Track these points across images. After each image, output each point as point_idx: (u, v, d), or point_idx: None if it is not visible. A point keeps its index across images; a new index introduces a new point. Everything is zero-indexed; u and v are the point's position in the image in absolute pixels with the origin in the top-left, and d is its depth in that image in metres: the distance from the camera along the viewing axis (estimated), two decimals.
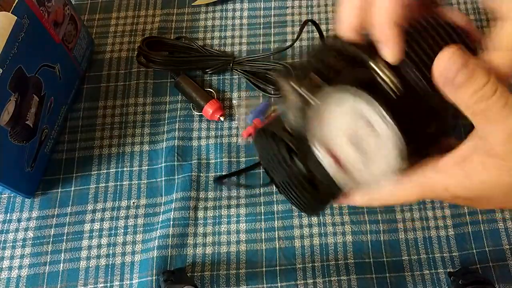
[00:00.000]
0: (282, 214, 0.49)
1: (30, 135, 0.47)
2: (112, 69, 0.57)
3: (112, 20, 0.60)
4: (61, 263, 0.48)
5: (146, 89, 0.56)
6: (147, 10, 0.61)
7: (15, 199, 0.50)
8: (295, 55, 0.57)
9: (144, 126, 0.54)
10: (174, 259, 0.47)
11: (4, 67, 0.41)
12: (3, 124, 0.42)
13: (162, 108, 0.55)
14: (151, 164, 0.52)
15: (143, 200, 0.50)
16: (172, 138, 0.53)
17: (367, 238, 0.48)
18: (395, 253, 0.47)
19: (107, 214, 0.50)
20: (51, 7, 0.47)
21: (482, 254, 0.47)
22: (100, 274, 0.47)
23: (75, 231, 0.49)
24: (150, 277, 0.46)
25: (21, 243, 0.48)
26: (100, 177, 0.51)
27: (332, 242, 0.48)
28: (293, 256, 0.47)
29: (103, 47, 0.58)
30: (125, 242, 0.48)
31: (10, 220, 0.49)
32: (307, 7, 0.60)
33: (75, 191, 0.51)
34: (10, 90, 0.42)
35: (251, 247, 0.48)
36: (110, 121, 0.54)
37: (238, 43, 0.58)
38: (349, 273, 0.46)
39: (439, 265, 0.47)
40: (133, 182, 0.51)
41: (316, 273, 0.46)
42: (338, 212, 0.49)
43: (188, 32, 0.59)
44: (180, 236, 0.48)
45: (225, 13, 0.60)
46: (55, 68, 0.50)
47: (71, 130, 0.54)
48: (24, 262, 0.48)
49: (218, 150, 0.52)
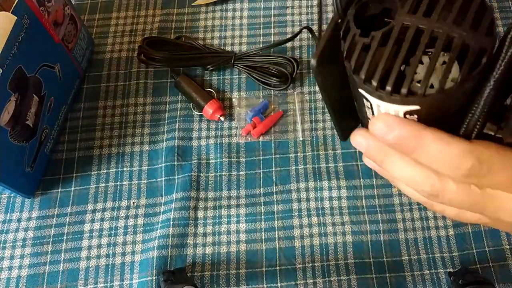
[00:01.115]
0: (282, 214, 0.49)
1: (30, 135, 0.47)
2: (112, 69, 0.57)
3: (112, 20, 0.60)
4: (61, 263, 0.48)
5: (146, 89, 0.56)
6: (147, 10, 0.61)
7: (15, 199, 0.50)
8: (295, 48, 0.57)
9: (144, 126, 0.54)
10: (174, 259, 0.47)
11: (4, 67, 0.41)
12: (3, 124, 0.42)
13: (162, 108, 0.55)
14: (151, 164, 0.52)
15: (143, 200, 0.50)
16: (172, 138, 0.53)
17: (367, 238, 0.48)
18: (395, 253, 0.47)
19: (107, 214, 0.50)
20: (51, 7, 0.47)
21: (482, 254, 0.47)
22: (100, 274, 0.47)
23: (75, 231, 0.49)
24: (150, 277, 0.46)
25: (21, 243, 0.48)
26: (100, 177, 0.51)
27: (332, 242, 0.48)
28: (293, 256, 0.47)
29: (103, 47, 0.58)
30: (125, 242, 0.48)
31: (10, 220, 0.49)
32: (307, 7, 0.60)
33: (75, 191, 0.51)
34: (10, 90, 0.42)
35: (251, 247, 0.48)
36: (110, 121, 0.54)
37: (238, 43, 0.58)
38: (349, 273, 0.46)
39: (439, 265, 0.47)
40: (133, 182, 0.51)
41: (316, 273, 0.46)
42: (338, 212, 0.49)
43: (188, 32, 0.59)
44: (180, 236, 0.48)
45: (225, 13, 0.60)
46: (55, 68, 0.50)
47: (71, 130, 0.54)
48: (24, 262, 0.48)
49: (218, 150, 0.52)
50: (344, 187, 0.50)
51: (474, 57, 0.20)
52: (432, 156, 0.22)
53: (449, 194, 0.23)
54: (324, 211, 0.49)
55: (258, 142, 0.52)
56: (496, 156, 0.21)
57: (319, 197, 0.50)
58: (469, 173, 0.21)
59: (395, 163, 0.24)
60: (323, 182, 0.50)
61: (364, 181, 0.50)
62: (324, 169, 0.51)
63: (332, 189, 0.50)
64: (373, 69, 0.21)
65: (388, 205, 0.49)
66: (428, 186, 0.23)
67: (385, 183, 0.50)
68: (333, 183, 0.50)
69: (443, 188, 0.23)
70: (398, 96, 0.21)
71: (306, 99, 0.54)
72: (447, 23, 0.21)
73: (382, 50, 0.21)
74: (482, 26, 0.21)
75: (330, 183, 0.50)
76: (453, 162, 0.21)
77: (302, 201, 0.49)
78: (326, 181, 0.50)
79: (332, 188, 0.50)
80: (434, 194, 0.23)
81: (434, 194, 0.23)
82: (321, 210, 0.49)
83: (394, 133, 0.22)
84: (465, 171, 0.21)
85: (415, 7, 0.21)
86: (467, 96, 0.22)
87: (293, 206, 0.49)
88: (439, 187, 0.23)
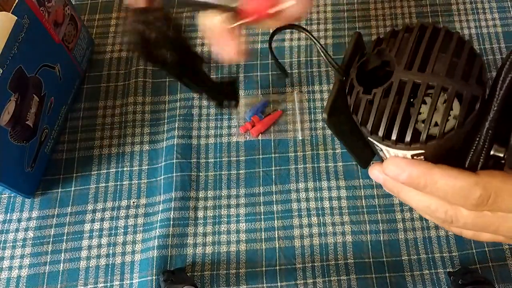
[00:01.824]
0: (282, 214, 0.49)
1: (30, 135, 0.47)
2: (112, 69, 0.57)
3: (112, 20, 0.60)
4: (61, 263, 0.48)
5: (145, 88, 0.56)
6: None
7: (15, 199, 0.51)
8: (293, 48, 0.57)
9: (144, 126, 0.54)
10: (174, 259, 0.47)
11: (4, 67, 0.41)
12: (3, 124, 0.42)
13: (162, 107, 0.55)
14: (151, 163, 0.52)
15: (143, 199, 0.50)
16: (171, 137, 0.53)
17: (367, 238, 0.48)
18: (395, 253, 0.47)
19: (107, 214, 0.50)
20: (51, 7, 0.47)
21: (482, 254, 0.47)
22: (100, 274, 0.47)
23: (75, 231, 0.49)
24: (150, 276, 0.46)
25: (21, 243, 0.48)
26: (100, 177, 0.51)
27: (332, 242, 0.48)
28: (293, 256, 0.47)
29: (103, 47, 0.58)
30: (125, 242, 0.48)
31: (10, 220, 0.49)
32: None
33: (75, 191, 0.51)
34: (10, 90, 0.42)
35: (251, 247, 0.48)
36: (110, 121, 0.54)
37: None
38: (349, 273, 0.46)
39: (438, 265, 0.47)
40: (133, 181, 0.51)
41: (316, 273, 0.47)
42: (338, 212, 0.49)
43: (187, 31, 0.59)
44: (180, 236, 0.48)
45: None
46: (55, 68, 0.50)
47: (71, 130, 0.54)
48: (24, 262, 0.48)
49: (217, 149, 0.52)
50: (343, 187, 0.50)
51: (468, 104, 0.22)
52: (442, 191, 0.23)
53: (462, 219, 0.24)
54: (324, 211, 0.49)
55: (258, 141, 0.53)
56: (503, 184, 0.23)
57: (319, 197, 0.50)
58: (478, 203, 0.23)
59: (410, 194, 0.26)
60: (323, 182, 0.50)
61: (364, 181, 0.50)
62: (323, 169, 0.51)
63: (332, 189, 0.50)
64: (378, 122, 0.24)
65: (388, 205, 0.49)
66: (442, 214, 0.25)
67: None
68: (333, 183, 0.50)
69: (456, 215, 0.24)
70: (403, 144, 0.23)
71: (305, 98, 0.54)
72: (440, 76, 0.23)
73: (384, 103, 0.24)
74: (473, 76, 0.23)
75: (329, 183, 0.50)
76: (462, 194, 0.23)
77: (302, 201, 0.50)
78: (326, 181, 0.50)
79: (331, 188, 0.50)
80: (448, 221, 0.25)
81: (448, 220, 0.25)
82: (320, 210, 0.49)
83: (405, 174, 0.24)
84: (474, 201, 0.23)
85: (410, 63, 0.24)
86: (468, 134, 0.23)
87: (293, 206, 0.49)
88: (452, 214, 0.24)
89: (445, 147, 0.24)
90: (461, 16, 0.59)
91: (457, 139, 0.23)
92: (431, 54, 0.23)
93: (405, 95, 0.23)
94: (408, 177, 0.24)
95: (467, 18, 0.59)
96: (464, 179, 0.23)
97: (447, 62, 0.23)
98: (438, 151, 0.24)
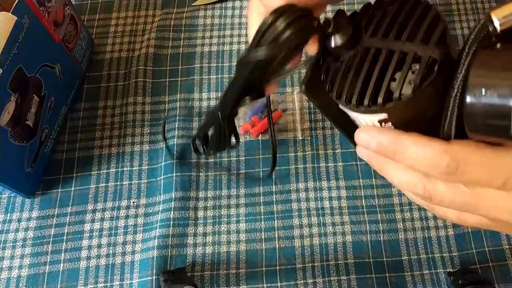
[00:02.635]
0: (282, 214, 0.49)
1: (30, 135, 0.47)
2: (112, 69, 0.57)
3: (112, 20, 0.60)
4: (61, 263, 0.48)
5: (145, 88, 0.56)
6: (147, 10, 0.61)
7: (15, 199, 0.51)
8: None
9: (144, 126, 0.54)
10: (174, 259, 0.47)
11: (4, 67, 0.41)
12: (3, 124, 0.42)
13: (162, 107, 0.55)
14: (151, 163, 0.52)
15: (143, 199, 0.50)
16: (171, 137, 0.53)
17: (367, 238, 0.48)
18: (395, 253, 0.47)
19: (107, 214, 0.50)
20: (51, 7, 0.47)
21: (482, 254, 0.47)
22: (100, 274, 0.47)
23: (75, 231, 0.49)
24: (150, 277, 0.46)
25: (21, 243, 0.48)
26: (100, 177, 0.51)
27: (332, 242, 0.48)
28: (293, 256, 0.47)
29: (103, 47, 0.58)
30: (125, 242, 0.48)
31: (10, 220, 0.49)
32: None
33: (75, 191, 0.51)
34: (10, 90, 0.42)
35: (251, 247, 0.48)
36: (110, 121, 0.54)
37: (237, 42, 0.58)
38: (349, 273, 0.46)
39: (438, 265, 0.47)
40: (133, 181, 0.51)
41: (316, 273, 0.47)
42: (338, 212, 0.49)
43: (187, 31, 0.59)
44: (180, 236, 0.48)
45: (224, 11, 0.60)
46: (55, 68, 0.50)
47: (71, 130, 0.54)
48: (24, 262, 0.48)
49: None
50: (343, 187, 0.50)
51: (425, 67, 0.23)
52: (412, 158, 0.23)
53: (440, 195, 0.24)
54: (324, 211, 0.49)
55: (258, 141, 0.53)
56: (474, 153, 0.22)
57: (319, 197, 0.50)
58: (447, 171, 0.22)
59: (391, 169, 0.26)
60: (323, 182, 0.50)
61: (364, 181, 0.50)
62: (323, 169, 0.51)
63: (332, 189, 0.50)
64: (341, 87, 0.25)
65: (388, 205, 0.49)
66: (421, 189, 0.24)
67: (384, 183, 0.50)
68: (333, 183, 0.50)
69: (434, 189, 0.24)
70: (363, 107, 0.24)
71: (305, 98, 0.54)
72: (402, 41, 0.24)
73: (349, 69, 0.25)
74: (433, 39, 0.23)
75: (329, 183, 0.50)
76: (431, 162, 0.23)
77: (302, 201, 0.50)
78: (326, 181, 0.50)
79: (331, 188, 0.50)
80: (427, 196, 0.24)
81: (427, 196, 0.24)
82: (320, 210, 0.49)
83: (375, 140, 0.24)
84: (442, 169, 0.22)
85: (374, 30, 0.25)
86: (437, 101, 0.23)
87: (293, 206, 0.49)
88: (430, 188, 0.24)
89: (410, 114, 0.24)
90: (461, 16, 0.59)
91: (422, 104, 0.24)
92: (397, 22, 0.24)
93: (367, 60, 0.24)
94: (378, 144, 0.24)
95: (467, 18, 0.59)
96: (434, 146, 0.22)
97: (409, 27, 0.24)
98: (404, 118, 0.24)
